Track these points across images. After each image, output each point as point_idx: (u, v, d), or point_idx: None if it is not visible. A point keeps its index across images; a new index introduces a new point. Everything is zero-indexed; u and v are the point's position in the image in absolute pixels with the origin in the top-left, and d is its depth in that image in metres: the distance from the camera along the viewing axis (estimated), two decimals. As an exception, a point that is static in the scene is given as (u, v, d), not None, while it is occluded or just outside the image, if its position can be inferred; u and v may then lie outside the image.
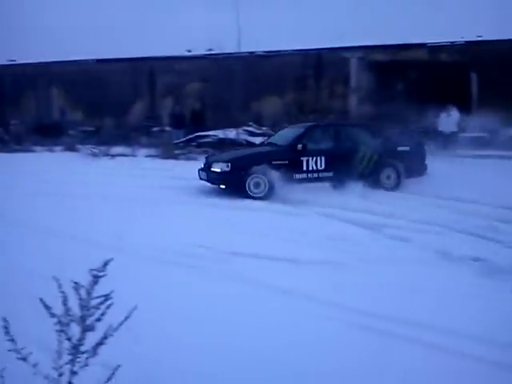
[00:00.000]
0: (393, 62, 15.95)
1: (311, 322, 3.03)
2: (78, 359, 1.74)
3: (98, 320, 1.77)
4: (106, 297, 1.82)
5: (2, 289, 3.34)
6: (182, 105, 18.11)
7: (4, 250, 4.43)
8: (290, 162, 7.76)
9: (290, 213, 6.48)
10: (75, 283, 1.78)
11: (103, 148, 13.48)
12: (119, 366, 1.81)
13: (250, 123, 15.63)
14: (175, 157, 12.83)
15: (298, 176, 7.79)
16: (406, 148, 8.52)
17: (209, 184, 7.96)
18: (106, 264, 1.82)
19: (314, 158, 7.89)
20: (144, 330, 2.58)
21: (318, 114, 15.56)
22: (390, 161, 8.32)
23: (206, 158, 8.63)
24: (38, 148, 15.33)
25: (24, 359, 1.69)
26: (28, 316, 2.29)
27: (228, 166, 7.59)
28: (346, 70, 16.63)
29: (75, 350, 1.73)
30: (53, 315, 1.74)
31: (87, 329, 1.74)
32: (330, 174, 7.94)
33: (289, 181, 7.53)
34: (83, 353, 1.75)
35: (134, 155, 13.55)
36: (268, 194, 7.48)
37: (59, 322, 1.74)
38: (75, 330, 1.77)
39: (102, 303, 1.80)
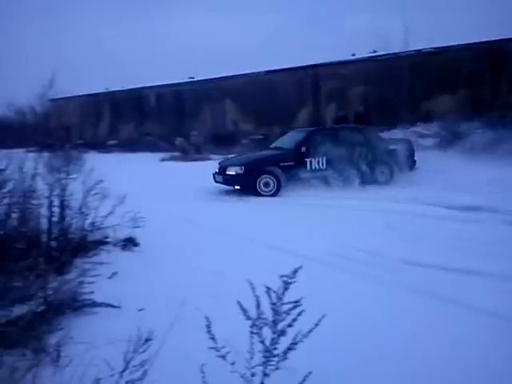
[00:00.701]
0: None
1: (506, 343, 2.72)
2: (270, 362, 1.81)
3: (290, 326, 1.81)
4: (296, 303, 1.85)
5: (195, 289, 3.66)
6: (346, 109, 18.01)
7: (193, 252, 4.88)
8: (295, 163, 8.73)
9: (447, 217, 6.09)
10: (267, 288, 1.85)
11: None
12: (310, 372, 1.82)
13: (419, 123, 14.85)
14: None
15: (302, 175, 8.67)
16: (397, 147, 9.53)
17: (224, 186, 8.97)
18: (295, 271, 1.86)
19: (317, 159, 8.86)
20: (323, 337, 2.57)
21: (497, 110, 14.08)
22: (382, 158, 9.22)
23: (219, 163, 9.52)
24: (214, 156, 16.68)
25: (223, 357, 1.81)
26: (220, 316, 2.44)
27: (242, 169, 8.57)
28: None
29: (269, 352, 1.79)
30: (248, 318, 1.83)
31: (280, 333, 1.79)
32: (331, 173, 8.69)
33: (295, 180, 8.54)
34: (275, 356, 1.81)
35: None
36: (276, 192, 8.46)
37: (254, 325, 1.83)
38: (266, 333, 1.84)
39: (292, 309, 1.84)
